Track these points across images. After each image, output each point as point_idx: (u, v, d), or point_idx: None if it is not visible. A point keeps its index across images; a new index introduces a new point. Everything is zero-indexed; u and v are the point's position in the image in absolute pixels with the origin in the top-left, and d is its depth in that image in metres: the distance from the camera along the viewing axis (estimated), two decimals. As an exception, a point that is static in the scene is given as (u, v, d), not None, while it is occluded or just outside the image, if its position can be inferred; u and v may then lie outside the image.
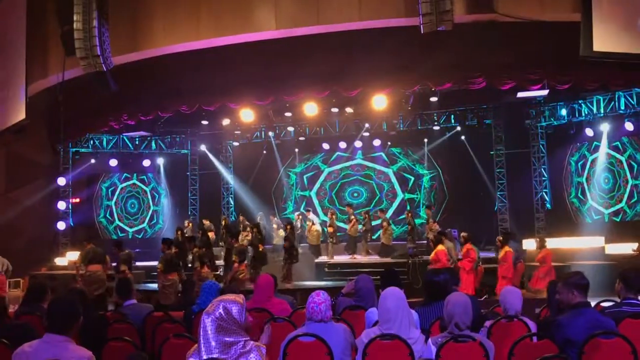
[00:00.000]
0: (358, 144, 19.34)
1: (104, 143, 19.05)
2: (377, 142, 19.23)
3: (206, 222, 16.08)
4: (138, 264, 14.12)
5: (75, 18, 9.27)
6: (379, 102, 14.82)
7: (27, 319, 5.03)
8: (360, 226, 16.15)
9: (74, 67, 10.07)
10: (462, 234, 12.17)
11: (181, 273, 11.16)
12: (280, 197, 20.69)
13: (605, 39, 8.36)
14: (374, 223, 16.80)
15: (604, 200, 15.83)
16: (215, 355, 2.61)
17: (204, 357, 2.60)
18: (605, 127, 15.47)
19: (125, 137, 19.31)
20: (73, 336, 3.44)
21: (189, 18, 10.10)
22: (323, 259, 15.60)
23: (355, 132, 18.99)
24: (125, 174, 19.77)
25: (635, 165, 15.20)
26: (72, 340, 3.41)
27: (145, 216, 19.94)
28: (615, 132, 15.43)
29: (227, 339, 2.61)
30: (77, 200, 18.26)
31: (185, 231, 15.75)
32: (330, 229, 16.01)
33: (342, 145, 19.52)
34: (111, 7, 9.69)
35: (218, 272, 13.06)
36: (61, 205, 16.91)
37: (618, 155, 15.56)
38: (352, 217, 16.30)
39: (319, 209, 19.71)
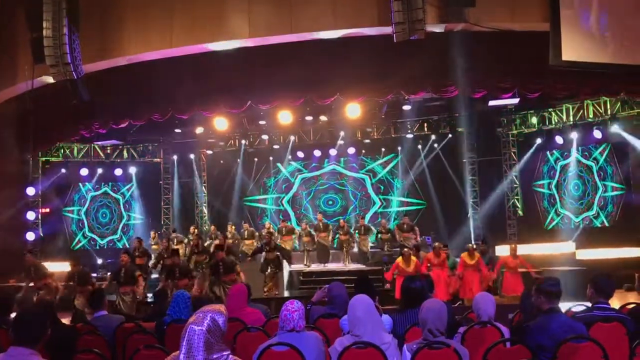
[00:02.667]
0: (332, 152, 19.36)
1: (75, 152, 18.74)
2: (351, 150, 19.27)
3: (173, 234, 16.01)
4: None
5: (44, 25, 9.12)
6: (353, 110, 14.87)
7: (-7, 333, 4.90)
8: (331, 235, 16.13)
9: (43, 74, 9.92)
10: (435, 244, 12.25)
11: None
12: (255, 206, 20.56)
13: (573, 49, 8.56)
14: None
15: (575, 206, 16.09)
16: None
17: None
18: (574, 135, 15.76)
19: (96, 146, 19.01)
20: (39, 349, 3.34)
21: (161, 25, 10.01)
22: (298, 267, 15.53)
23: (329, 140, 19.01)
24: (96, 184, 19.45)
25: (603, 173, 15.50)
26: (39, 354, 3.30)
27: (117, 226, 19.63)
28: (585, 140, 15.73)
29: (214, 355, 2.56)
30: (47, 210, 17.87)
31: (151, 242, 15.67)
32: (306, 239, 15.99)
33: (317, 153, 19.50)
34: (82, 14, 9.55)
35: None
36: (30, 215, 16.48)
37: (587, 162, 15.85)
38: (323, 225, 16.32)
39: (293, 218, 19.65)
